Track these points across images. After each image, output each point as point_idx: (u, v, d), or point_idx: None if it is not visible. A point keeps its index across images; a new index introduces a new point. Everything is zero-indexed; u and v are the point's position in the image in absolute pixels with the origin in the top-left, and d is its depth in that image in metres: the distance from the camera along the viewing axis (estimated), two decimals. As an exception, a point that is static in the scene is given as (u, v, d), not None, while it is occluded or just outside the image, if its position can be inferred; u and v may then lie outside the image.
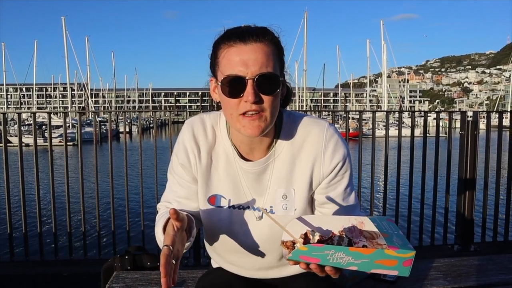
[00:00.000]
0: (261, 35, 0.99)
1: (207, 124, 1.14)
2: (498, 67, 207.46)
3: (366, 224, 0.94)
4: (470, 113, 3.51)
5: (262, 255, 1.16)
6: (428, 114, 3.80)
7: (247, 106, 0.98)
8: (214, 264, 1.32)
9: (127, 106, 77.64)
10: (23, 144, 3.22)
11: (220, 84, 1.00)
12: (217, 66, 1.03)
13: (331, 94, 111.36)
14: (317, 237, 0.89)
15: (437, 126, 3.41)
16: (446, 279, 1.57)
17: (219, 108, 1.11)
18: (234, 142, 1.12)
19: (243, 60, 0.97)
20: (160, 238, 1.01)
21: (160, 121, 40.72)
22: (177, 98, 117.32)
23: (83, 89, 55.24)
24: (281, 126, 1.11)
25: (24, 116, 13.89)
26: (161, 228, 1.02)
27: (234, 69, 0.97)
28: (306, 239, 0.90)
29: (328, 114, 7.75)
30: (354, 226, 0.94)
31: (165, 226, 1.01)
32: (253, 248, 1.15)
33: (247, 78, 0.97)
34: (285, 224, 0.95)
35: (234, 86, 0.98)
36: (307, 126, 1.11)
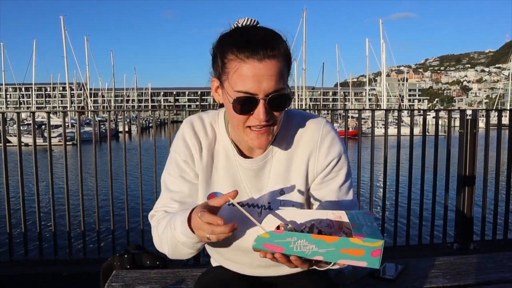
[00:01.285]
0: (275, 47, 0.96)
1: (206, 122, 1.14)
2: (497, 65, 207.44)
3: (344, 218, 0.91)
4: (469, 112, 3.52)
5: (261, 253, 1.15)
6: (427, 113, 3.81)
7: (256, 122, 0.99)
8: (214, 262, 1.31)
9: (126, 106, 77.54)
10: (22, 144, 3.21)
11: (232, 103, 0.98)
12: (224, 74, 1.00)
13: (330, 93, 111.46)
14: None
15: (436, 124, 3.41)
16: (445, 277, 1.57)
17: (220, 107, 1.11)
18: (233, 140, 1.12)
19: (256, 77, 0.95)
20: (184, 229, 0.99)
21: (159, 120, 40.74)
22: (176, 98, 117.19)
23: (82, 88, 55.09)
24: (279, 124, 1.11)
25: (23, 115, 13.90)
26: (186, 217, 0.99)
27: (245, 86, 0.96)
28: None
29: (328, 113, 7.75)
30: (332, 221, 0.92)
31: (188, 218, 0.99)
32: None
33: (259, 97, 0.96)
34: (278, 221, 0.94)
35: (245, 105, 0.98)
36: (305, 123, 1.12)
